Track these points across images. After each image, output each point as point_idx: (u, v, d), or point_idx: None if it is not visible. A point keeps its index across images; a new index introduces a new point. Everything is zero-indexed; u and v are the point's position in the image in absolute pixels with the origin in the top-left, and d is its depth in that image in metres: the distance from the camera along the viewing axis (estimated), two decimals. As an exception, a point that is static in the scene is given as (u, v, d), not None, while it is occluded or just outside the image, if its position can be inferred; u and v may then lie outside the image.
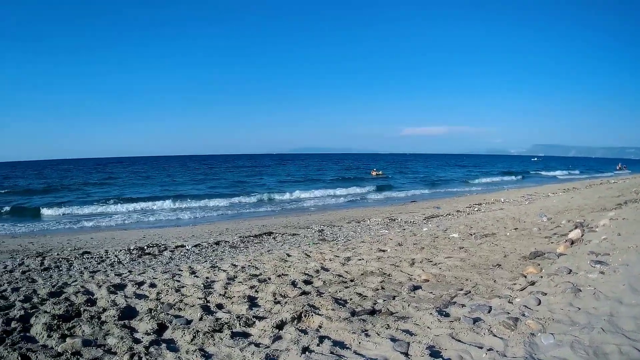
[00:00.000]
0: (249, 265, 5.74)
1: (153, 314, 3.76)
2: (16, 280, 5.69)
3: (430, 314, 3.20)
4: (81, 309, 3.98)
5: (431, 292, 3.89)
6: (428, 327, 3.00)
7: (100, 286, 4.81)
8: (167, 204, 20.52)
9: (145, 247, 8.83)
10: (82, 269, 6.74)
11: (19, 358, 2.94)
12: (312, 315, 3.38)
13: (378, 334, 2.93)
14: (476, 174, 43.59)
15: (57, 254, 8.45)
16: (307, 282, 4.56)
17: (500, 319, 2.90)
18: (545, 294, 3.34)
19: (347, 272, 4.94)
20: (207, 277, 5.14)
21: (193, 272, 5.47)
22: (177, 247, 8.79)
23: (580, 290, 3.22)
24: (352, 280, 4.54)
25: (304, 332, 3.07)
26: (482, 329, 2.80)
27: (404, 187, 30.38)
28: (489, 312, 3.16)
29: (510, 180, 37.37)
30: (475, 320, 2.98)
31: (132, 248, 8.78)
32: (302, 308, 3.50)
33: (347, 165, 66.95)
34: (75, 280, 5.40)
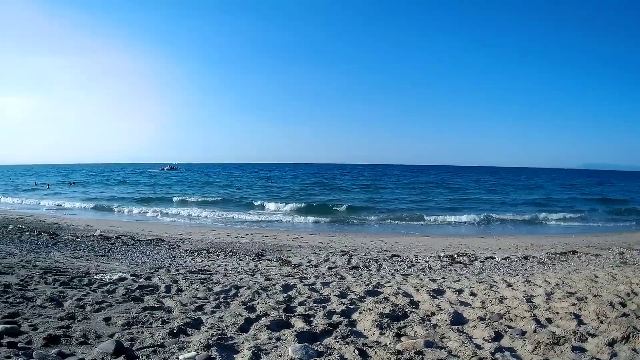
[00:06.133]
0: (562, 283, 5.69)
1: (487, 321, 3.82)
2: (323, 275, 6.31)
3: None
4: (406, 310, 4.16)
5: None
6: None
7: (417, 290, 5.18)
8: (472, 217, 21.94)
9: (455, 256, 9.57)
10: (393, 270, 7.54)
11: (356, 351, 2.98)
12: (638, 336, 3.36)
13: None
14: None
15: (364, 254, 9.78)
16: (622, 305, 4.43)
17: None
18: None
19: (657, 298, 4.76)
20: (524, 291, 5.15)
21: (509, 285, 5.55)
22: (486, 258, 9.30)
23: None
24: (663, 307, 4.38)
25: (635, 351, 3.11)
26: None
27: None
28: None
29: None
30: None
31: (441, 255, 9.60)
32: (628, 329, 3.47)
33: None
34: (389, 281, 5.89)
